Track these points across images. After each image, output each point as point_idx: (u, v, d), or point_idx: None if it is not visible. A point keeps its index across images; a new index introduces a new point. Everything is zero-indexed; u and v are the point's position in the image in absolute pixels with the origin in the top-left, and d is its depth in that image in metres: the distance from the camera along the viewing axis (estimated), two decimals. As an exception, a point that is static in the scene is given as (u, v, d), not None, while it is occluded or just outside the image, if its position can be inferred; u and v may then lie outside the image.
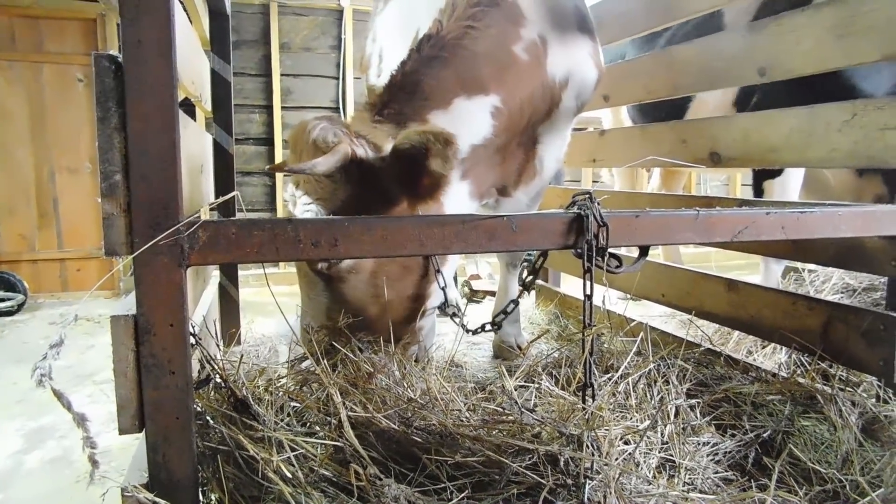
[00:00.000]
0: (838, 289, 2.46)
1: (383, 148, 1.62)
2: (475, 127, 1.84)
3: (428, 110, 1.76)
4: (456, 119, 1.78)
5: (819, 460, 1.43)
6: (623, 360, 1.66)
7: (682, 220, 1.32)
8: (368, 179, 1.60)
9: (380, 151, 1.61)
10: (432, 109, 1.77)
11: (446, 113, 1.78)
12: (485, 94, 1.85)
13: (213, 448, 1.14)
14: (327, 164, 1.48)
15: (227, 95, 2.65)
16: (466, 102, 1.82)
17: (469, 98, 1.82)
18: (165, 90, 1.00)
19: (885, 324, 1.53)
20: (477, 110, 1.85)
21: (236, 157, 4.71)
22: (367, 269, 1.68)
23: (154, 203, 1.02)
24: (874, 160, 1.58)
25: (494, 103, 1.87)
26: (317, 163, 1.47)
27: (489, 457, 1.09)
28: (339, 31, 4.95)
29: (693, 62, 2.19)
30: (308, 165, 1.46)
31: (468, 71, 1.82)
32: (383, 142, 1.64)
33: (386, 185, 1.61)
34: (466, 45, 1.83)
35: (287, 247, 1.10)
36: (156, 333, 1.06)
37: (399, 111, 1.73)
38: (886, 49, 1.55)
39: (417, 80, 1.77)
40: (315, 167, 1.47)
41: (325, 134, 1.55)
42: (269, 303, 1.68)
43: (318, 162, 1.47)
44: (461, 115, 1.80)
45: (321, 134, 1.55)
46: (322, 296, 1.69)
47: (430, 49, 1.82)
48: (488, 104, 1.86)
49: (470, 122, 1.81)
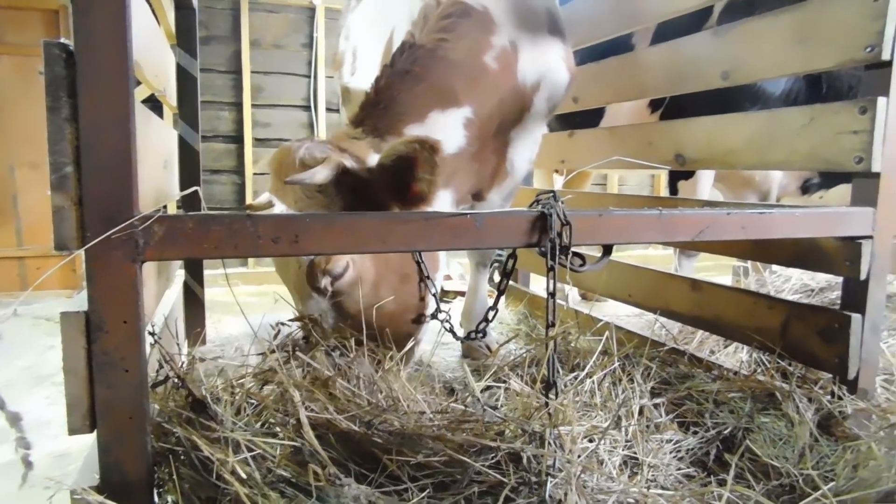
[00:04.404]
0: (797, 289, 2.53)
1: (366, 160, 1.64)
2: (450, 138, 1.86)
3: (404, 125, 1.78)
4: (432, 132, 1.80)
5: (777, 456, 1.46)
6: (589, 359, 1.68)
7: (645, 220, 1.33)
8: (359, 191, 1.61)
9: (363, 164, 1.63)
10: (409, 123, 1.79)
11: (422, 126, 1.81)
12: (458, 106, 1.88)
13: (169, 449, 1.11)
14: (325, 173, 1.51)
15: (194, 91, 2.60)
16: (441, 115, 1.85)
17: (443, 111, 1.85)
18: (119, 80, 0.97)
19: (839, 322, 1.57)
20: (451, 122, 1.87)
21: (205, 154, 4.65)
22: (368, 281, 1.69)
23: (107, 196, 0.99)
24: (830, 163, 1.63)
25: (466, 115, 1.90)
26: (316, 171, 1.49)
27: (451, 456, 1.08)
28: (311, 28, 4.90)
29: (660, 65, 2.23)
30: (308, 175, 1.48)
31: (441, 84, 1.85)
32: (366, 154, 1.66)
33: (376, 195, 1.61)
34: (439, 57, 1.85)
35: (246, 242, 1.08)
36: (108, 331, 1.02)
37: (375, 126, 1.76)
38: (840, 57, 1.59)
39: (393, 96, 1.79)
40: (314, 176, 1.49)
41: (311, 151, 1.57)
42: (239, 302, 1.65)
43: (317, 171, 1.49)
44: (437, 128, 1.82)
45: (308, 152, 1.56)
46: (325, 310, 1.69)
47: (404, 63, 1.83)
48: (461, 116, 1.89)
49: (445, 134, 1.83)
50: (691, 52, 2.07)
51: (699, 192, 2.81)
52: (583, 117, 2.98)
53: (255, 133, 4.82)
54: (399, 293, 1.77)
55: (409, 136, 1.64)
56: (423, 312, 1.87)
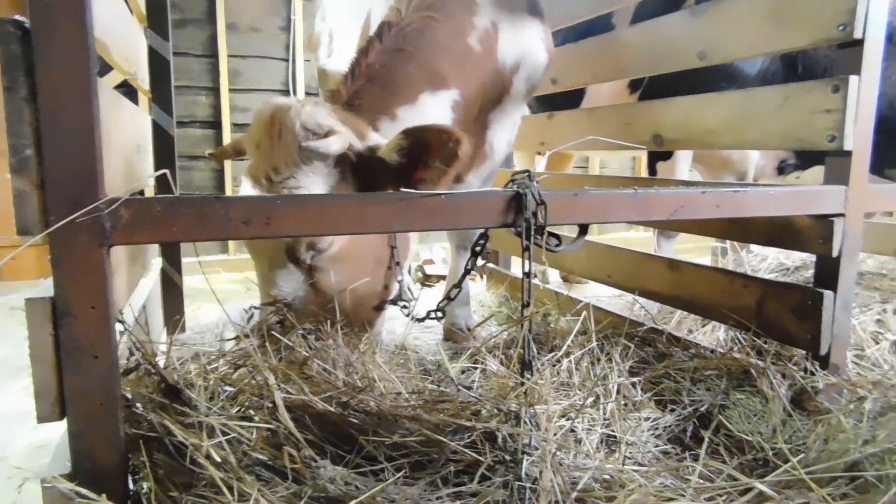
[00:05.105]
0: (773, 268, 2.56)
1: (368, 137, 1.59)
2: (439, 121, 1.83)
3: (396, 105, 1.75)
4: (422, 114, 1.78)
5: (752, 431, 1.48)
6: (568, 339, 1.69)
7: (621, 199, 1.33)
8: (359, 170, 1.56)
9: (365, 140, 1.58)
10: (401, 104, 1.76)
11: (413, 107, 1.78)
12: (447, 88, 1.86)
13: (143, 435, 1.10)
14: (339, 143, 1.46)
15: (167, 74, 2.54)
16: (431, 98, 1.82)
17: (434, 93, 1.83)
18: (80, 59, 0.95)
19: (812, 299, 1.59)
20: (440, 104, 1.85)
21: (183, 140, 4.57)
22: (346, 261, 1.66)
23: (70, 179, 0.97)
24: (804, 142, 1.64)
25: (454, 97, 1.89)
26: (331, 141, 1.44)
27: (427, 436, 1.08)
28: (289, 11, 4.81)
29: (638, 46, 2.22)
30: (324, 144, 1.43)
31: (431, 65, 1.82)
32: (367, 131, 1.61)
33: (374, 175, 1.56)
34: (428, 37, 1.82)
35: (216, 225, 1.06)
36: (76, 316, 1.01)
37: (369, 104, 1.71)
38: (813, 36, 1.59)
39: (385, 73, 1.75)
40: (330, 146, 1.44)
41: (315, 117, 1.49)
42: (218, 290, 1.62)
43: (333, 140, 1.44)
44: (427, 110, 1.80)
45: (311, 116, 1.49)
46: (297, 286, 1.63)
47: (394, 40, 1.79)
48: (449, 98, 1.88)
49: (435, 116, 1.81)
50: (668, 32, 2.07)
51: (677, 173, 2.83)
52: (564, 98, 2.97)
53: (234, 118, 4.74)
54: (374, 275, 1.75)
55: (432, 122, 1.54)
56: (390, 295, 1.86)
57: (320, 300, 1.60)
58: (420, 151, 1.42)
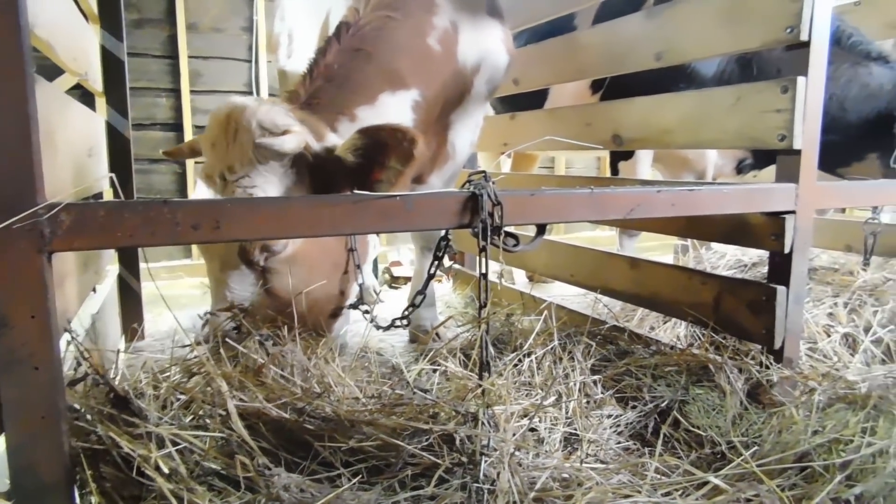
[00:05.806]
0: (731, 265, 2.62)
1: (326, 137, 1.57)
2: (400, 121, 1.82)
3: (355, 105, 1.73)
4: (382, 114, 1.76)
5: (710, 425, 1.51)
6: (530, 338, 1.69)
7: (577, 199, 1.34)
8: (316, 171, 1.54)
9: (322, 140, 1.56)
10: (360, 104, 1.74)
11: (373, 108, 1.76)
12: (406, 88, 1.85)
13: (89, 448, 1.06)
14: (295, 142, 1.43)
15: (121, 75, 2.47)
16: (391, 98, 1.81)
17: (393, 93, 1.82)
18: (12, 58, 0.91)
19: (766, 295, 1.63)
20: (400, 105, 1.84)
21: (143, 143, 4.46)
22: (301, 263, 1.62)
23: (3, 184, 0.93)
24: (756, 141, 1.68)
25: (414, 97, 1.87)
26: (286, 139, 1.42)
27: (384, 440, 1.07)
28: (251, 11, 4.74)
29: (597, 46, 2.25)
30: (278, 142, 1.41)
31: (390, 65, 1.80)
32: (324, 132, 1.59)
33: (330, 175, 1.54)
34: (387, 37, 1.80)
35: (164, 230, 1.03)
36: (14, 326, 0.96)
37: (327, 104, 1.69)
38: (764, 38, 1.63)
39: (344, 74, 1.73)
40: (284, 144, 1.41)
41: (271, 116, 1.47)
42: (181, 295, 1.58)
43: (287, 139, 1.42)
44: (387, 111, 1.78)
45: (268, 115, 1.47)
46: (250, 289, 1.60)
47: (352, 40, 1.78)
48: (409, 98, 1.86)
49: (395, 117, 1.79)
50: (626, 33, 2.10)
51: (639, 173, 2.87)
52: (528, 99, 2.99)
53: (196, 120, 4.64)
54: (330, 278, 1.73)
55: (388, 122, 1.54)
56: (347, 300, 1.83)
57: (274, 304, 1.57)
58: (376, 152, 1.41)
